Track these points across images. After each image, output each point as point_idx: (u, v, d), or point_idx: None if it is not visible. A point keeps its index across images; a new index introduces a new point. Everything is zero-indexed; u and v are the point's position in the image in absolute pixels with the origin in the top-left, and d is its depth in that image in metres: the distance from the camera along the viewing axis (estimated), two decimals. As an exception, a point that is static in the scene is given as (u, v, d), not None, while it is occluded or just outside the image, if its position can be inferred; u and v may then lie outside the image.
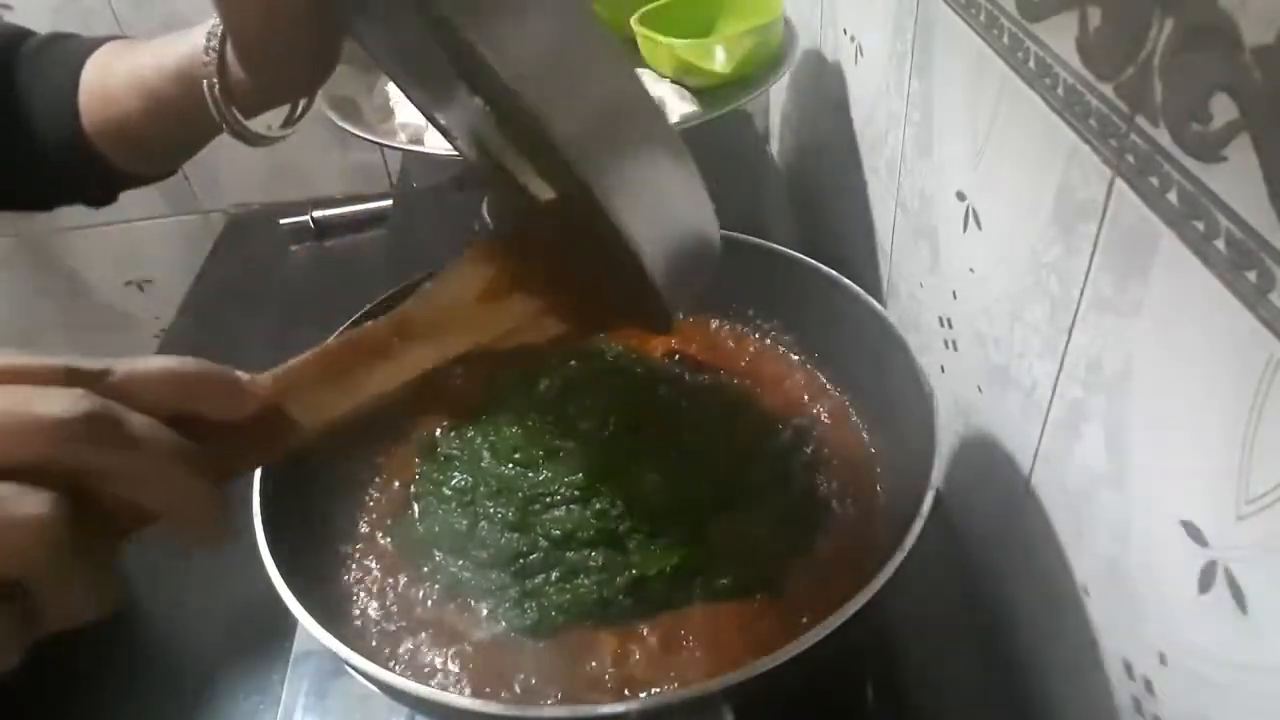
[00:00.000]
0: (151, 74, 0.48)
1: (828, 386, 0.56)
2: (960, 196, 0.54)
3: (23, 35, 0.53)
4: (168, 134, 0.50)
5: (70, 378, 0.26)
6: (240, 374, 0.31)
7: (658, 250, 0.32)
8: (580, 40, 0.28)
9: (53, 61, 0.52)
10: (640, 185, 0.30)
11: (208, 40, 0.45)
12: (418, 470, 0.52)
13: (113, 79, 0.50)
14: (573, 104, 0.29)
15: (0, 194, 0.55)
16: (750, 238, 0.56)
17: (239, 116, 0.47)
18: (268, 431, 0.32)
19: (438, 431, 0.54)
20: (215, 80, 0.45)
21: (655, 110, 0.31)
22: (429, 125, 0.76)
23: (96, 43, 0.52)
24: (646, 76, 0.78)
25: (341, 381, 0.34)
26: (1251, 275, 0.29)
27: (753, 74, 0.77)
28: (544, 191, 0.41)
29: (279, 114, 0.50)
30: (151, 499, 0.27)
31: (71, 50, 0.52)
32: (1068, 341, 0.43)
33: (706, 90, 0.76)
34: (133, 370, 0.28)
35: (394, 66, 0.44)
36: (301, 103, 0.50)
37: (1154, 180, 0.34)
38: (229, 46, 0.45)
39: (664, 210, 0.32)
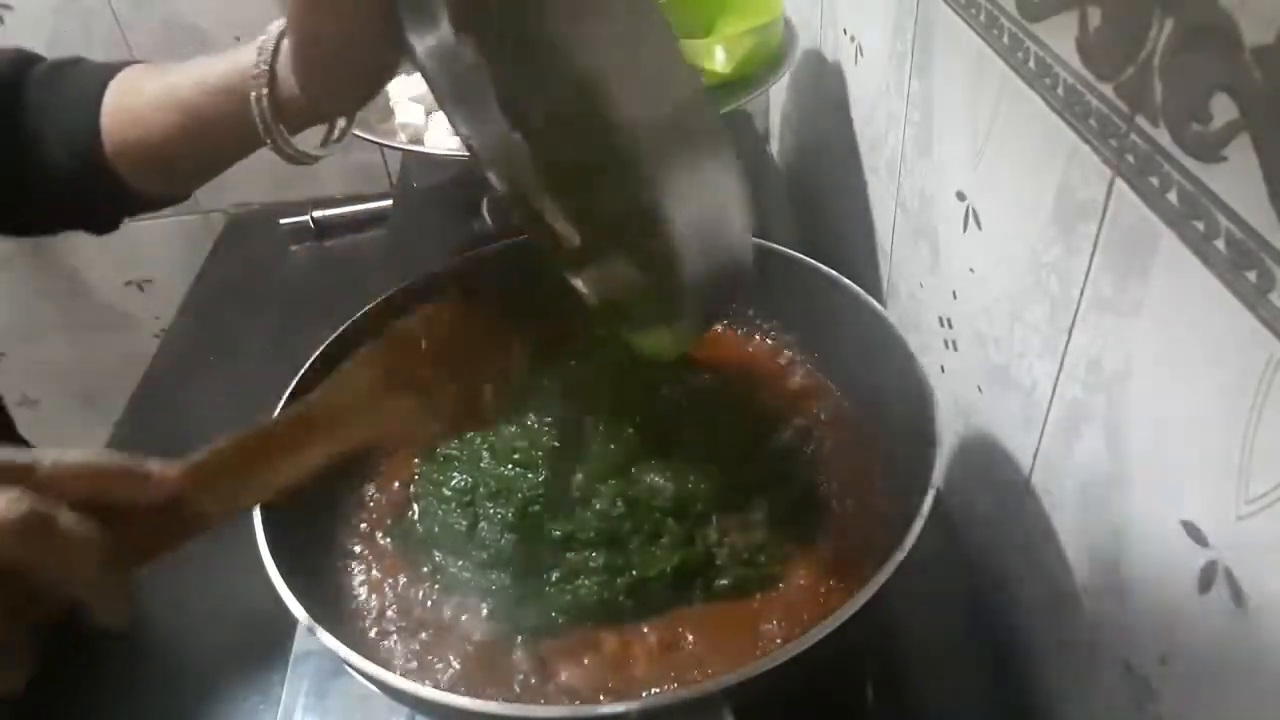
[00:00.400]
0: (189, 91, 0.48)
1: (828, 386, 0.56)
2: (960, 196, 0.54)
3: (30, 60, 0.53)
4: (199, 152, 0.51)
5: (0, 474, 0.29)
6: (152, 465, 0.33)
7: (697, 255, 0.33)
8: (656, 40, 0.29)
9: (71, 84, 0.52)
10: (697, 191, 0.31)
11: (259, 53, 0.45)
12: (418, 470, 0.52)
13: (141, 99, 0.50)
14: (646, 101, 0.29)
15: (6, 219, 0.55)
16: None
17: (284, 132, 0.47)
18: (175, 518, 0.33)
19: (438, 431, 0.54)
20: (264, 91, 0.45)
21: (719, 123, 0.31)
22: (429, 125, 0.76)
23: (116, 67, 0.52)
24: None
25: (246, 473, 0.36)
26: (1251, 275, 0.29)
27: (753, 74, 0.77)
28: (570, 234, 0.42)
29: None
30: (70, 589, 0.29)
31: (88, 74, 0.52)
32: (1068, 341, 0.43)
33: (706, 90, 0.76)
34: (57, 463, 0.30)
35: (444, 91, 0.44)
36: (340, 124, 0.50)
37: (1154, 180, 0.34)
38: (279, 60, 0.45)
39: (711, 220, 0.32)
